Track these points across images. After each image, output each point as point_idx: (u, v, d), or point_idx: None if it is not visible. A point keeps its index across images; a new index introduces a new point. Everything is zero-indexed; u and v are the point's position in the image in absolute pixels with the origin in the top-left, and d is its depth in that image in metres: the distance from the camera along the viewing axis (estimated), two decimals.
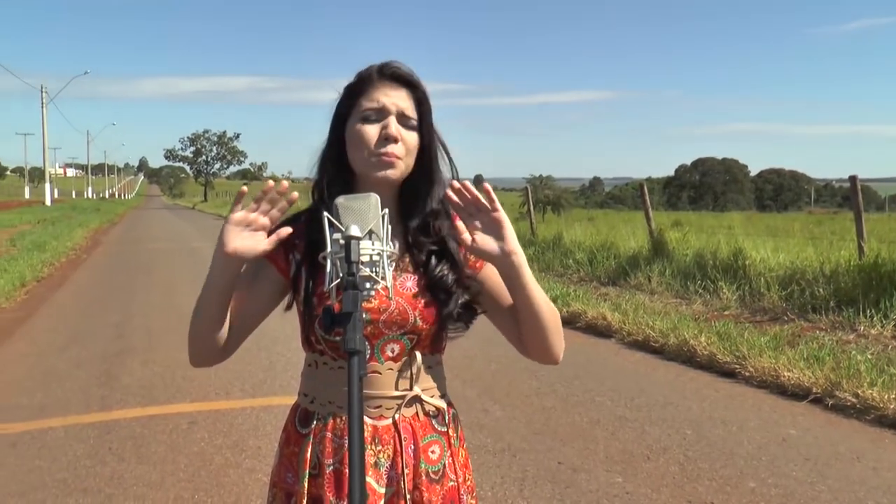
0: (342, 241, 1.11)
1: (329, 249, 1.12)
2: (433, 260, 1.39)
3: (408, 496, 1.34)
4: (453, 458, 1.42)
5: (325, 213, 1.15)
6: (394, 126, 1.34)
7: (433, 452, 1.39)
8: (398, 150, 1.34)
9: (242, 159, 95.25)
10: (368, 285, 1.11)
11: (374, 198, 1.17)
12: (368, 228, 1.13)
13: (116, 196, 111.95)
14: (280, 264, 1.40)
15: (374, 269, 1.11)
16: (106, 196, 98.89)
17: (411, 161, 1.38)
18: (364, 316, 1.25)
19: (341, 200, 1.17)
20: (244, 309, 1.39)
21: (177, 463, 3.93)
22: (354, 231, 1.11)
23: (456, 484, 1.41)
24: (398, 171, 1.36)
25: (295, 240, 1.39)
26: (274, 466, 1.46)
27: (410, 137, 1.36)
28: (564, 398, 5.12)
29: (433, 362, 1.43)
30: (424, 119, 1.39)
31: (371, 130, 1.34)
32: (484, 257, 1.34)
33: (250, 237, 1.29)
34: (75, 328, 7.83)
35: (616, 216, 29.41)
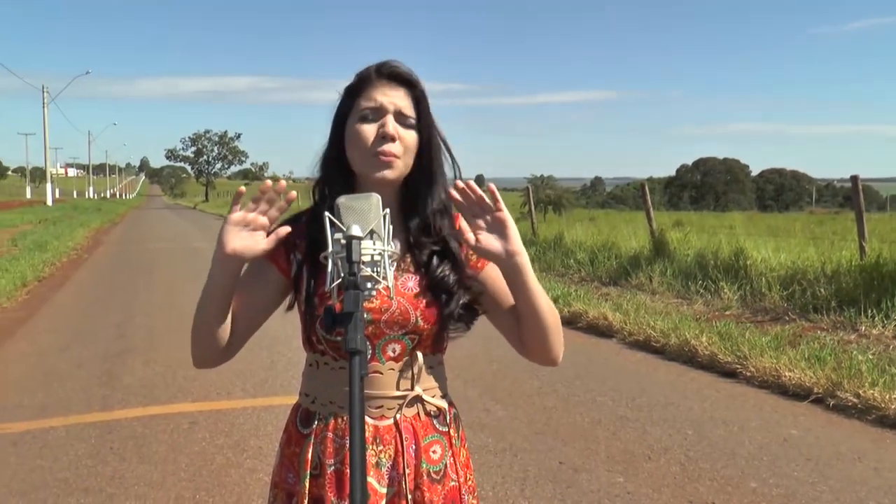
0: (343, 241, 1.11)
1: (330, 249, 1.12)
2: (435, 260, 1.38)
3: (409, 496, 1.34)
4: (455, 458, 1.42)
5: (327, 213, 1.15)
6: (391, 125, 1.34)
7: (434, 452, 1.39)
8: (395, 149, 1.34)
9: (244, 159, 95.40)
10: (370, 285, 1.11)
11: (376, 197, 1.17)
12: (370, 228, 1.13)
13: (118, 196, 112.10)
14: (281, 264, 1.40)
15: (376, 269, 1.11)
16: (107, 196, 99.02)
17: (410, 160, 1.37)
18: (365, 316, 1.26)
19: (343, 200, 1.17)
20: (246, 309, 1.39)
21: (178, 463, 3.94)
22: (356, 231, 1.11)
23: (457, 484, 1.41)
24: (396, 171, 1.35)
25: (296, 240, 1.39)
26: (275, 466, 1.45)
27: (409, 136, 1.36)
28: (566, 398, 5.12)
29: (434, 362, 1.42)
30: (423, 117, 1.38)
31: (368, 129, 1.34)
32: (488, 257, 1.34)
33: (249, 237, 1.29)
34: (76, 328, 7.84)
35: (617, 216, 29.39)
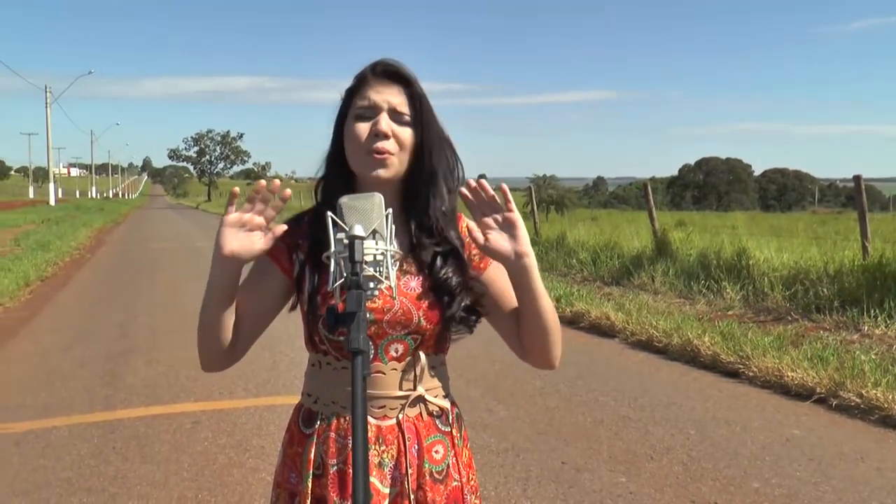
0: (346, 241, 1.11)
1: (333, 249, 1.12)
2: (438, 261, 1.38)
3: (412, 496, 1.34)
4: (457, 458, 1.42)
5: (329, 213, 1.15)
6: (384, 122, 1.33)
7: (437, 452, 1.39)
8: (389, 146, 1.33)
9: (246, 159, 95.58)
10: (372, 285, 1.11)
11: (378, 197, 1.17)
12: (372, 228, 1.13)
13: (120, 196, 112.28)
14: (283, 264, 1.40)
15: (378, 269, 1.11)
16: (110, 196, 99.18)
17: (406, 157, 1.36)
18: (368, 316, 1.26)
19: (345, 200, 1.17)
20: (250, 311, 1.38)
21: (180, 462, 3.94)
22: (358, 231, 1.11)
23: (460, 484, 1.41)
24: (391, 170, 1.34)
25: (298, 240, 1.40)
26: (277, 466, 1.45)
27: (404, 133, 1.35)
28: (568, 398, 5.12)
29: (437, 362, 1.42)
30: (420, 115, 1.36)
31: (363, 127, 1.34)
32: (496, 257, 1.34)
33: (246, 238, 1.28)
34: (79, 328, 7.85)
35: (620, 216, 29.38)
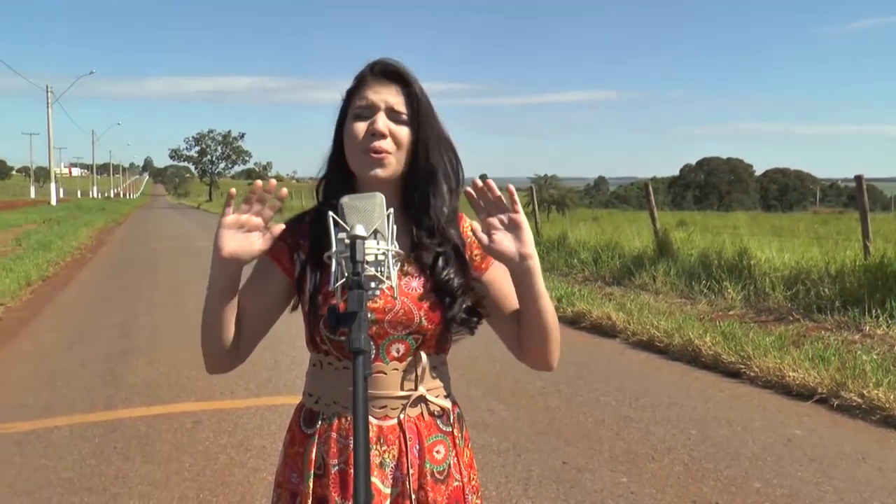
0: (347, 241, 1.11)
1: (334, 249, 1.12)
2: (440, 262, 1.37)
3: (413, 496, 1.34)
4: (458, 458, 1.42)
5: (330, 213, 1.15)
6: (381, 121, 1.33)
7: (438, 452, 1.39)
8: (386, 145, 1.33)
9: (247, 159, 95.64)
10: (373, 285, 1.10)
11: (380, 197, 1.17)
12: (373, 228, 1.13)
13: (121, 196, 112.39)
14: (285, 265, 1.39)
15: (380, 269, 1.11)
16: (111, 196, 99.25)
17: (403, 157, 1.35)
18: (369, 315, 1.25)
19: (346, 200, 1.17)
20: (252, 312, 1.38)
21: (182, 462, 3.94)
22: (360, 230, 1.11)
23: (461, 484, 1.41)
24: (389, 169, 1.34)
25: (300, 240, 1.40)
26: (279, 466, 1.45)
27: (401, 132, 1.34)
28: (569, 398, 5.12)
29: (438, 362, 1.42)
30: (418, 114, 1.36)
31: (360, 127, 1.34)
32: (499, 258, 1.33)
33: (245, 239, 1.28)
34: (80, 327, 7.85)
35: (621, 216, 29.37)
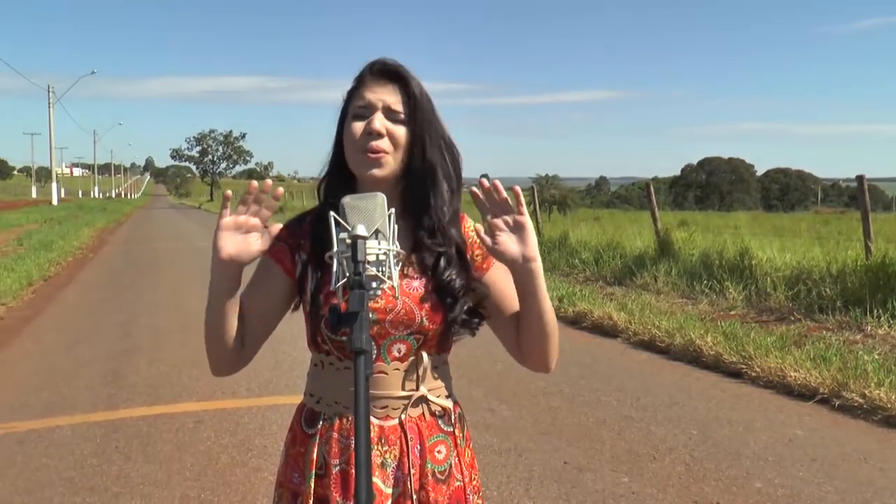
0: (349, 241, 1.11)
1: (336, 249, 1.12)
2: (441, 263, 1.37)
3: (414, 496, 1.34)
4: (459, 458, 1.42)
5: (332, 213, 1.15)
6: (377, 121, 1.33)
7: (439, 452, 1.39)
8: (383, 145, 1.33)
9: (248, 159, 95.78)
10: (375, 284, 1.10)
11: (381, 197, 1.17)
12: (375, 228, 1.13)
13: (123, 195, 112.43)
14: (286, 265, 1.39)
15: (381, 269, 1.11)
16: (112, 195, 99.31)
17: (401, 156, 1.35)
18: (370, 315, 1.25)
19: (348, 200, 1.17)
20: (255, 313, 1.38)
21: (183, 462, 3.94)
22: (361, 230, 1.11)
23: (462, 484, 1.41)
24: (386, 169, 1.34)
25: (301, 240, 1.40)
26: (280, 466, 1.45)
27: (398, 131, 1.34)
28: (570, 398, 5.11)
29: (439, 362, 1.42)
30: (415, 113, 1.35)
31: (358, 127, 1.34)
32: (503, 260, 1.33)
33: (243, 241, 1.28)
34: (82, 327, 7.86)
35: (622, 216, 29.36)
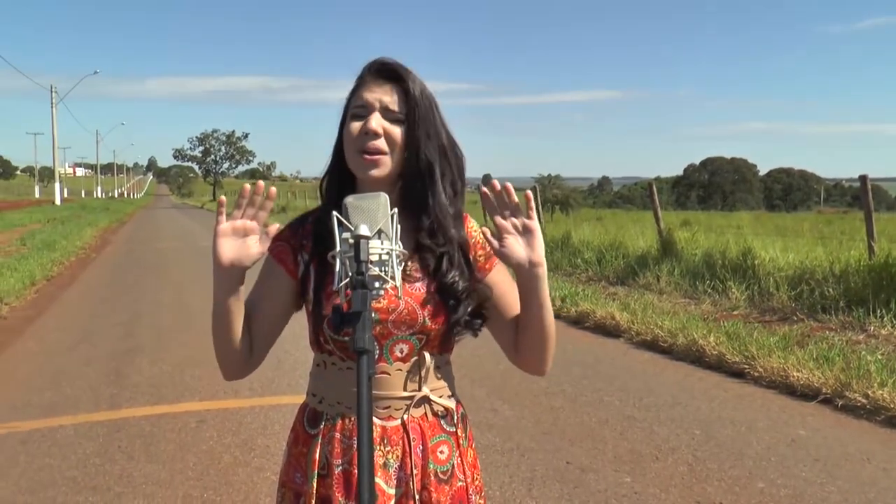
0: (351, 241, 1.11)
1: (338, 249, 1.12)
2: (444, 264, 1.37)
3: (416, 497, 1.33)
4: (462, 459, 1.42)
5: (335, 213, 1.15)
6: (374, 120, 1.32)
7: (442, 453, 1.39)
8: (380, 145, 1.32)
9: (251, 159, 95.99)
10: (378, 284, 1.10)
11: (384, 197, 1.17)
12: (378, 228, 1.13)
13: (125, 195, 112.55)
14: (289, 266, 1.39)
15: (384, 269, 1.11)
16: (115, 195, 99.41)
17: (398, 156, 1.35)
18: (373, 315, 1.25)
19: (350, 200, 1.17)
20: (262, 315, 1.39)
21: (185, 461, 3.95)
22: (364, 230, 1.11)
23: (465, 484, 1.40)
24: (384, 169, 1.34)
25: (303, 240, 1.40)
26: (282, 466, 1.45)
27: (395, 131, 1.34)
28: (573, 398, 5.11)
29: (442, 362, 1.42)
30: (414, 112, 1.34)
31: (356, 127, 1.34)
32: (509, 263, 1.33)
33: (243, 244, 1.28)
34: (84, 327, 7.87)
35: (625, 216, 29.36)
